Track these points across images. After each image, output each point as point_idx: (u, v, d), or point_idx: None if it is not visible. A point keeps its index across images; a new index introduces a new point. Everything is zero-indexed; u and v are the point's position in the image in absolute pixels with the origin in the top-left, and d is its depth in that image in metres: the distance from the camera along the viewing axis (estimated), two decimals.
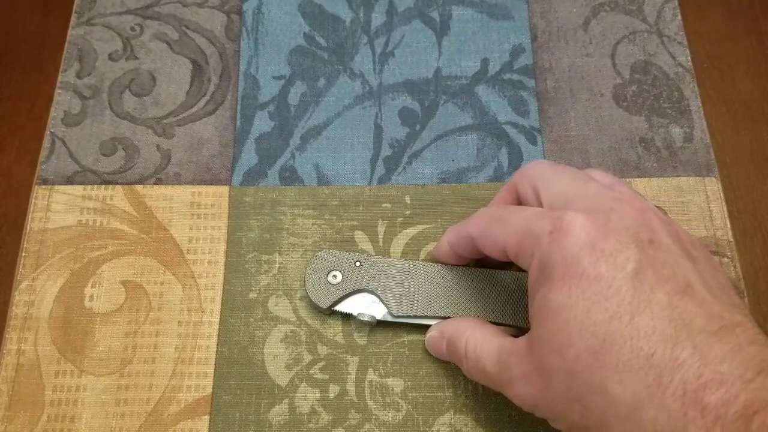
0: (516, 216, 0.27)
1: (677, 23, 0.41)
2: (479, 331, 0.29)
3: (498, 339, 0.28)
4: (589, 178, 0.28)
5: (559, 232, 0.25)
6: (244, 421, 0.31)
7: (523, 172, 0.30)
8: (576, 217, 0.25)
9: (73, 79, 0.39)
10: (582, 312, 0.23)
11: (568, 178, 0.28)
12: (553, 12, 0.41)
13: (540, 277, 0.25)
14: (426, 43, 0.40)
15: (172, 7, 0.41)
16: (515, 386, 0.26)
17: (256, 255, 0.35)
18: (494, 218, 0.29)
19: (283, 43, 0.40)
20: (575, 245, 0.24)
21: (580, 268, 0.24)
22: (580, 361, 0.23)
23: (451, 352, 0.30)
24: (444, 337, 0.31)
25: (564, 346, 0.24)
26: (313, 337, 0.33)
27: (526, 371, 0.25)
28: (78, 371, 0.32)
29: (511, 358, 0.26)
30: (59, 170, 0.37)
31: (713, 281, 0.24)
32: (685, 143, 0.37)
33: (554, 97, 0.39)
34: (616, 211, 0.25)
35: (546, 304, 0.24)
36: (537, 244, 0.25)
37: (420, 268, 0.33)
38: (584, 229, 0.24)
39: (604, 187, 0.27)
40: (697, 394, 0.21)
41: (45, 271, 0.34)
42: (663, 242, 0.25)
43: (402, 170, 0.37)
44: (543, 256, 0.25)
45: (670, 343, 0.22)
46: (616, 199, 0.26)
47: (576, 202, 0.26)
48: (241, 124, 0.38)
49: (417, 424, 0.31)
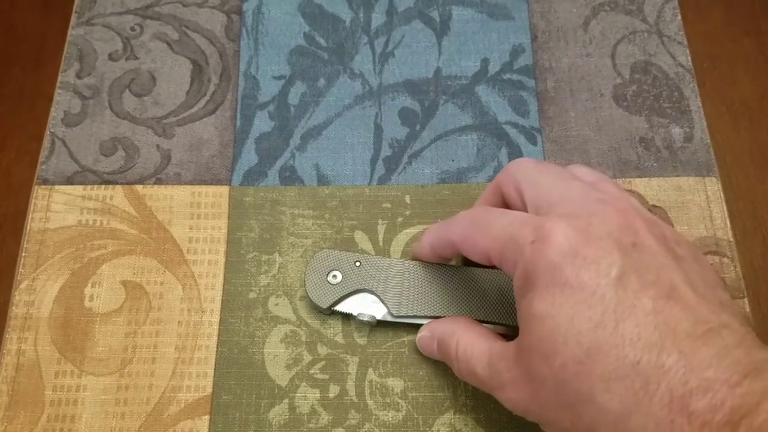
0: (498, 222, 0.27)
1: (677, 23, 0.41)
2: (470, 332, 0.29)
3: (488, 342, 0.28)
4: (572, 177, 0.28)
5: (542, 242, 0.24)
6: (244, 421, 0.31)
7: (507, 172, 0.30)
8: (557, 225, 0.24)
9: (73, 79, 0.39)
10: (566, 321, 0.23)
11: (551, 178, 0.28)
12: (553, 12, 0.41)
13: (524, 285, 0.25)
14: (426, 43, 0.40)
15: (172, 7, 0.41)
16: (505, 391, 0.26)
17: (256, 255, 0.35)
18: (476, 224, 0.28)
19: (283, 43, 0.40)
20: (557, 254, 0.24)
21: (563, 276, 0.24)
22: (566, 370, 0.23)
23: (443, 353, 0.30)
24: (434, 338, 0.31)
25: (550, 354, 0.24)
26: (313, 337, 0.33)
27: (515, 377, 0.25)
28: (78, 371, 0.32)
29: (501, 362, 0.26)
30: (59, 170, 0.37)
31: (699, 280, 0.24)
32: (685, 143, 0.37)
33: (554, 97, 0.39)
34: (598, 215, 0.25)
35: (531, 313, 0.24)
36: (519, 253, 0.25)
37: (420, 268, 0.33)
38: (566, 236, 0.24)
39: (588, 186, 0.27)
40: (683, 401, 0.21)
41: (45, 271, 0.34)
42: (646, 244, 0.24)
43: (402, 170, 0.37)
44: (526, 266, 0.25)
45: (655, 349, 0.22)
46: (599, 200, 0.26)
47: (559, 205, 0.26)
48: (241, 124, 0.38)
49: (417, 424, 0.31)
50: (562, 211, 0.26)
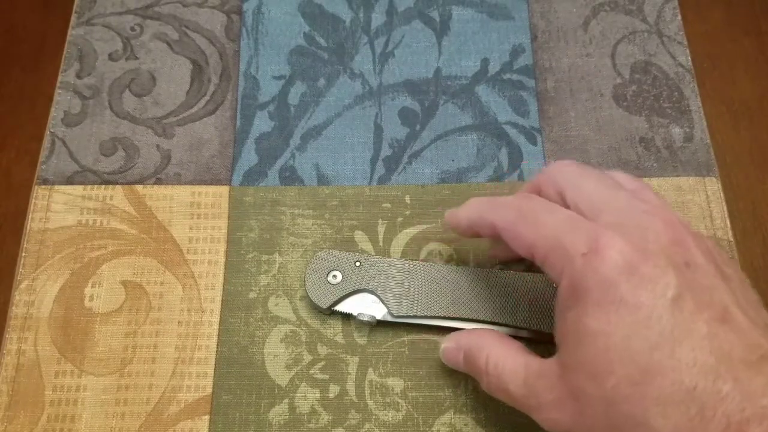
0: (547, 219, 0.26)
1: (677, 23, 0.41)
2: (500, 346, 0.28)
3: (522, 357, 0.27)
4: (616, 184, 0.27)
5: (595, 255, 0.24)
6: (244, 421, 0.31)
7: (547, 173, 0.29)
8: (613, 239, 0.24)
9: (73, 79, 0.39)
10: (622, 340, 0.23)
11: (595, 183, 0.27)
12: (553, 12, 0.41)
13: (571, 297, 0.24)
14: (426, 43, 0.40)
15: (172, 7, 0.41)
16: (545, 411, 0.25)
17: (256, 255, 0.35)
18: (523, 216, 0.27)
19: (283, 43, 0.40)
20: (612, 269, 0.23)
21: (618, 293, 0.23)
22: (619, 391, 0.23)
23: (470, 366, 0.29)
24: (461, 349, 0.30)
25: (602, 373, 0.23)
26: (313, 337, 0.33)
27: (559, 396, 0.25)
28: (78, 371, 0.32)
29: (540, 381, 0.25)
30: (59, 170, 0.37)
31: (746, 302, 0.24)
32: (685, 143, 0.37)
33: (554, 97, 0.39)
34: (650, 229, 0.24)
35: (581, 328, 0.24)
36: (569, 262, 0.24)
37: (420, 268, 0.33)
38: (621, 251, 0.23)
39: (631, 195, 0.27)
40: (740, 428, 0.21)
41: (45, 271, 0.34)
42: (698, 263, 0.24)
43: (402, 170, 0.37)
44: (575, 277, 0.24)
45: (711, 375, 0.22)
46: (646, 212, 0.25)
47: (604, 212, 0.26)
48: (241, 124, 0.38)
49: (417, 424, 0.31)
50: (608, 220, 0.25)
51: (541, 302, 0.32)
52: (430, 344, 0.33)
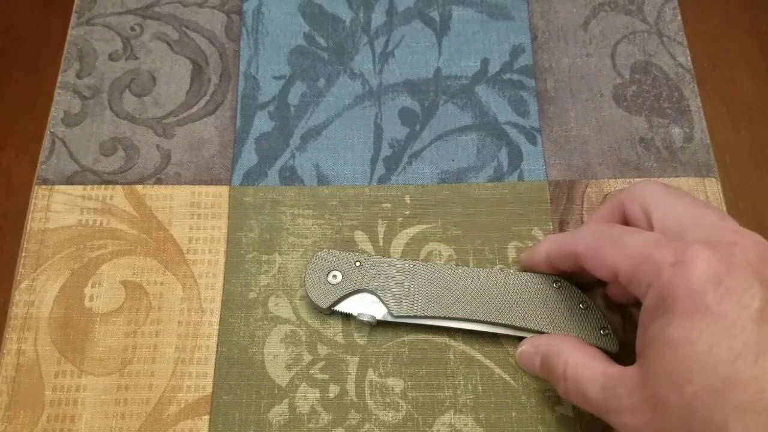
0: (632, 240, 0.27)
1: (677, 23, 0.41)
2: (580, 352, 0.28)
3: (601, 364, 0.27)
4: (705, 204, 0.28)
5: (684, 265, 0.24)
6: (244, 421, 0.31)
7: (633, 192, 0.29)
8: (701, 251, 0.24)
9: (73, 79, 0.39)
10: (705, 348, 0.23)
11: (683, 203, 0.28)
12: (553, 12, 0.41)
13: (658, 309, 0.25)
14: (426, 43, 0.40)
15: (172, 7, 0.41)
16: (622, 416, 0.26)
17: (256, 255, 0.35)
18: (607, 239, 0.28)
19: (283, 43, 0.40)
20: (700, 279, 0.24)
21: (704, 303, 0.23)
22: (698, 398, 0.23)
23: (546, 371, 0.30)
24: (538, 354, 0.30)
25: (683, 381, 0.23)
26: (313, 337, 0.33)
27: (636, 402, 0.25)
28: (78, 371, 0.32)
29: (619, 387, 0.26)
30: (59, 170, 0.37)
31: None
32: (685, 143, 0.37)
33: (554, 97, 0.39)
34: (739, 245, 0.25)
35: (665, 338, 0.24)
36: (656, 274, 0.25)
37: (420, 268, 0.33)
38: (709, 263, 0.24)
39: (720, 215, 0.27)
40: None
41: (45, 271, 0.34)
42: None
43: (402, 170, 0.37)
44: (664, 288, 0.25)
45: None
46: (735, 231, 0.26)
47: (692, 231, 0.26)
48: (241, 124, 0.38)
49: (417, 424, 0.31)
50: (696, 237, 0.25)
51: (541, 302, 0.32)
52: (430, 344, 0.33)
